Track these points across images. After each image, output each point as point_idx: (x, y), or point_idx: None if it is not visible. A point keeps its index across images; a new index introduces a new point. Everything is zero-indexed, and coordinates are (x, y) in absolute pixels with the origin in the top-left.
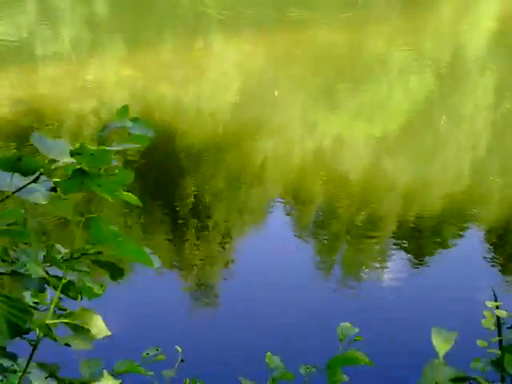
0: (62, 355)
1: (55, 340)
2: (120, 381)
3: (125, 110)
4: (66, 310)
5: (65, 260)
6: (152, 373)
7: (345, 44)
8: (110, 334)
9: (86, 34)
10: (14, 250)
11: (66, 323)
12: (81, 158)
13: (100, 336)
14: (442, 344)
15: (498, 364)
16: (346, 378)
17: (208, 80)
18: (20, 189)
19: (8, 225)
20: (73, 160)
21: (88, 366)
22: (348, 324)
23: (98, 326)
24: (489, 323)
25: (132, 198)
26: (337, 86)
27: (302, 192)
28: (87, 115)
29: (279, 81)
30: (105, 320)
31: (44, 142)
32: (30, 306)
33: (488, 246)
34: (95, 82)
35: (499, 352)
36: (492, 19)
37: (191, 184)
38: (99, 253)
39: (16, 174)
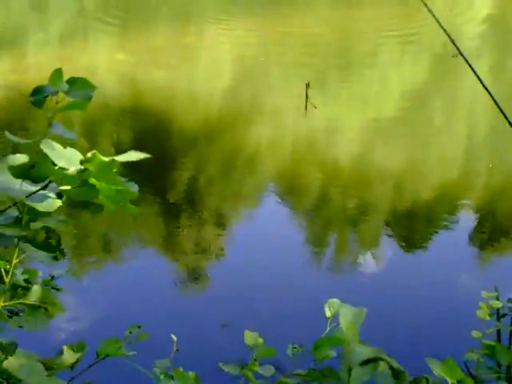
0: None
1: (7, 322)
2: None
3: (58, 73)
4: (58, 288)
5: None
6: (135, 352)
7: (337, 29)
8: (66, 310)
9: (78, 19)
10: None
11: (21, 303)
12: (90, 165)
13: (56, 314)
14: (350, 323)
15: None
16: (333, 353)
17: (201, 65)
18: (29, 195)
19: None
20: (82, 168)
21: (73, 349)
22: (336, 300)
23: (55, 304)
24: (483, 313)
25: (133, 208)
26: (330, 72)
27: (295, 177)
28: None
29: (272, 65)
30: (96, 303)
31: (54, 149)
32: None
33: (481, 232)
34: (88, 67)
35: (493, 343)
36: (486, 6)
37: (183, 169)
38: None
39: (26, 181)
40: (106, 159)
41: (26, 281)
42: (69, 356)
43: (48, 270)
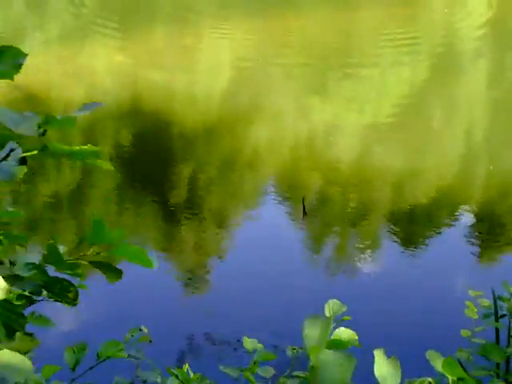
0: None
1: None
2: None
3: None
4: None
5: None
6: (140, 356)
7: (337, 30)
8: (7, 287)
9: (77, 20)
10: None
11: None
12: (49, 128)
13: (28, 348)
14: (313, 343)
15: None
16: None
17: (199, 66)
18: None
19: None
20: (41, 131)
21: (73, 350)
22: (336, 301)
23: (22, 338)
24: (471, 312)
25: (104, 163)
26: (329, 73)
27: (295, 178)
28: (80, 100)
29: (270, 67)
30: (97, 305)
31: (12, 116)
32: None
33: (479, 233)
34: (87, 68)
35: (484, 341)
36: (485, 5)
37: (183, 170)
38: (98, 253)
39: None
40: (60, 118)
41: (30, 292)
42: (24, 343)
43: None
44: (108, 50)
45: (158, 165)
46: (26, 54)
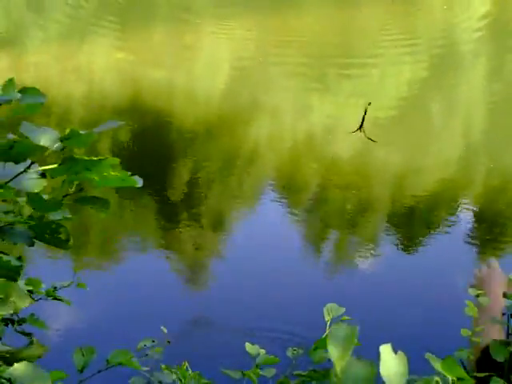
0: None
1: None
2: None
3: (11, 83)
4: (61, 299)
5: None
6: (148, 368)
7: (337, 28)
8: (33, 301)
9: (77, 18)
10: None
11: None
12: (69, 142)
13: (24, 305)
14: (338, 352)
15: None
16: (328, 356)
17: (199, 64)
18: (13, 178)
19: None
20: (62, 146)
21: (82, 353)
22: (334, 304)
23: (19, 295)
24: (471, 311)
25: (128, 177)
26: (329, 71)
27: (295, 176)
28: (80, 98)
29: (272, 65)
30: (101, 303)
31: (34, 130)
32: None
33: (479, 230)
34: (87, 66)
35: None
36: (484, 2)
37: (183, 168)
38: (81, 190)
39: (8, 163)
40: (83, 132)
41: (29, 291)
42: (36, 348)
43: (51, 279)
44: (108, 47)
45: (157, 162)
46: (45, 96)
